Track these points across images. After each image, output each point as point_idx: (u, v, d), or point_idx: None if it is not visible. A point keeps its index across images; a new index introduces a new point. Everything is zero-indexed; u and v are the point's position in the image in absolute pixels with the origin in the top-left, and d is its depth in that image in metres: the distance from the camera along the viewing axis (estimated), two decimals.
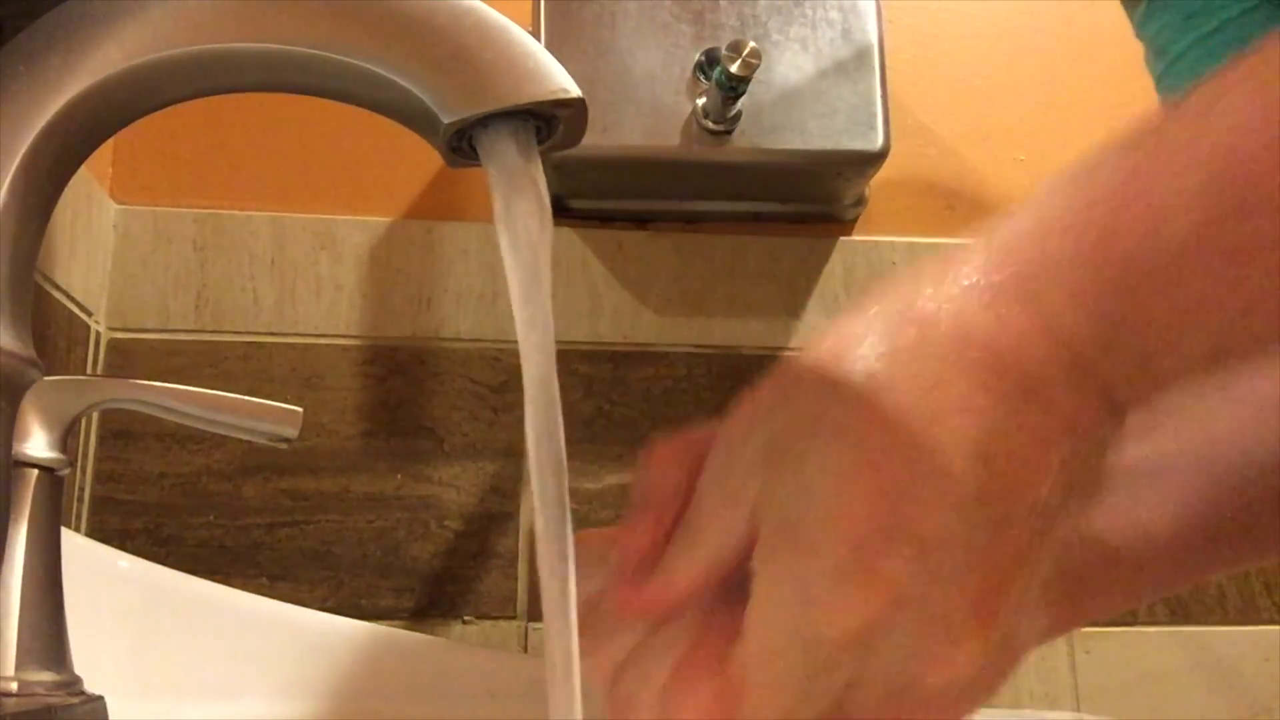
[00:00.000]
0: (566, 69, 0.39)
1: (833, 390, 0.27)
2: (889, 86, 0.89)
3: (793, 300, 0.96)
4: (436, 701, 0.53)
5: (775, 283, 0.97)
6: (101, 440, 0.87)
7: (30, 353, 0.39)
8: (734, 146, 0.87)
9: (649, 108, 0.86)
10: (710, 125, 0.86)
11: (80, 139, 0.39)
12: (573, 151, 0.42)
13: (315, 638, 0.54)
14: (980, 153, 1.02)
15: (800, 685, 0.27)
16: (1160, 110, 0.28)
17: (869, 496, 0.26)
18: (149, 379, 0.42)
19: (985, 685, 0.28)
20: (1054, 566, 0.28)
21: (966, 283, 0.28)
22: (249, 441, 0.44)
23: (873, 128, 0.87)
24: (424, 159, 0.95)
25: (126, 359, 0.89)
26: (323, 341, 0.92)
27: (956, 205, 1.01)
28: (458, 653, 0.56)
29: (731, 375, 0.95)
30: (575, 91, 0.39)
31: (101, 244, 0.89)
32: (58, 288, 0.81)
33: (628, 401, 0.93)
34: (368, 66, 0.38)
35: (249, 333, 0.91)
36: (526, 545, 0.89)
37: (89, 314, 0.87)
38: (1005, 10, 1.04)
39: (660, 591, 0.30)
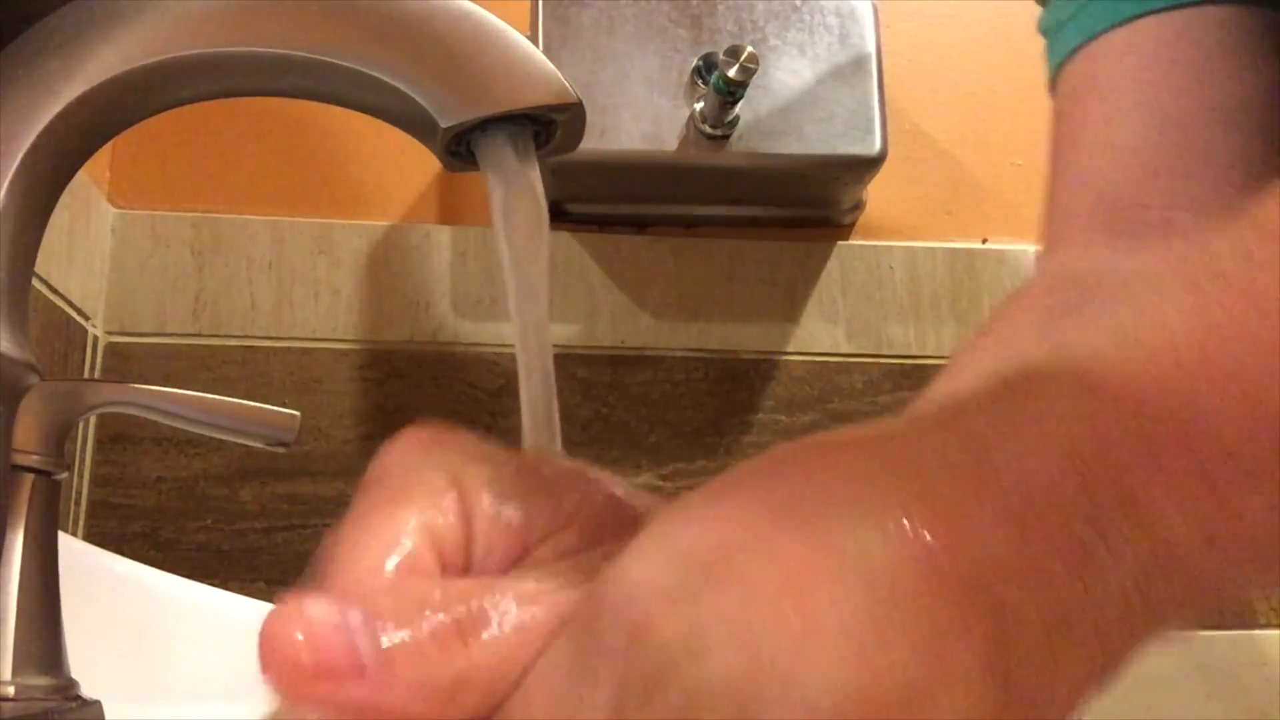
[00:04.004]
0: (564, 74, 0.39)
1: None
2: (886, 91, 0.89)
3: (790, 305, 0.97)
4: None
5: (773, 287, 0.97)
6: (99, 444, 0.87)
7: (28, 356, 0.39)
8: (731, 151, 0.87)
9: (646, 112, 0.86)
10: (708, 130, 0.86)
11: (78, 143, 0.39)
12: (570, 156, 0.42)
13: None
14: (978, 157, 1.02)
15: None
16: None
17: None
18: (146, 383, 0.42)
19: None
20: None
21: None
22: (246, 445, 0.44)
23: (870, 132, 0.87)
24: (422, 163, 0.95)
25: (124, 363, 0.89)
26: (320, 345, 0.91)
27: (954, 210, 1.01)
28: None
29: (729, 379, 0.95)
30: (573, 96, 0.39)
31: (99, 248, 0.89)
32: (55, 291, 0.81)
33: (625, 405, 0.93)
34: (366, 71, 0.38)
35: (246, 337, 0.91)
36: None
37: (86, 318, 0.87)
38: (1003, 15, 1.05)
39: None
